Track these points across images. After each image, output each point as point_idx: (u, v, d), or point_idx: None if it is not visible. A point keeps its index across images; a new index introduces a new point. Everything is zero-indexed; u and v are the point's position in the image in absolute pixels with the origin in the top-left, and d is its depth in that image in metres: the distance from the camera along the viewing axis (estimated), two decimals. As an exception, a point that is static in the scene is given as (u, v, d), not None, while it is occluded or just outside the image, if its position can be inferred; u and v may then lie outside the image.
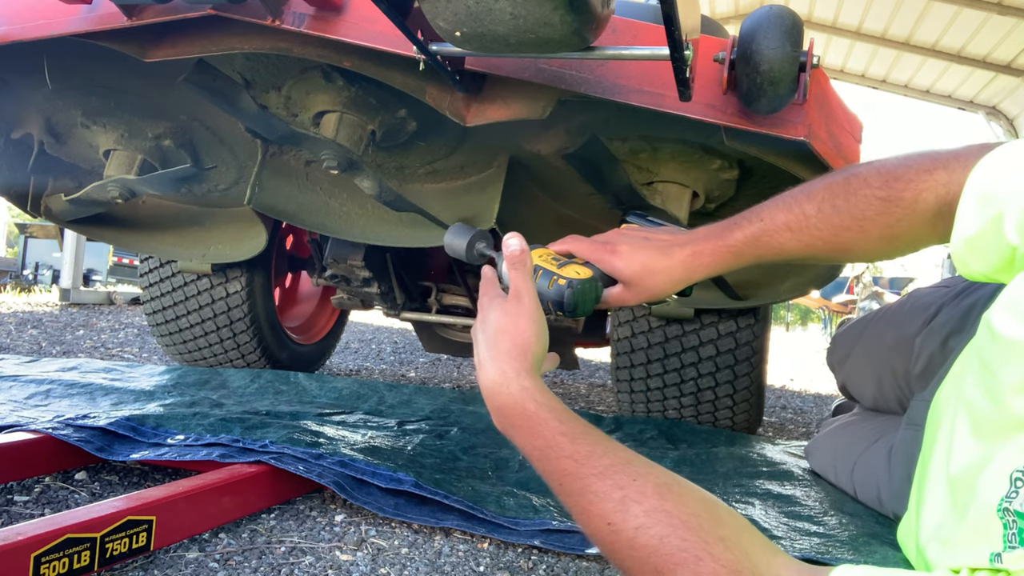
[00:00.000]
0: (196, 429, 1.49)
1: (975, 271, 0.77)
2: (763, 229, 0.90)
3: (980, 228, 0.73)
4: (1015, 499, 0.58)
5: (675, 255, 0.93)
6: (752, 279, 2.03)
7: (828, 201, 0.86)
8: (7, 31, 1.51)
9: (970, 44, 8.97)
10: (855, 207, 0.83)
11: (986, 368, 0.69)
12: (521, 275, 0.78)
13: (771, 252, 0.91)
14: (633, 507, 0.63)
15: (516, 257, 0.78)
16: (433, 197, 2.04)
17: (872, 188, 0.83)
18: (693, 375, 2.28)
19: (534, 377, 0.74)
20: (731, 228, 0.93)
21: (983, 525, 0.60)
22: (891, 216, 0.81)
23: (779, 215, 0.89)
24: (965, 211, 0.74)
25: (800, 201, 0.88)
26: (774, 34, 1.23)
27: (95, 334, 3.88)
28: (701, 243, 0.94)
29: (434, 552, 1.21)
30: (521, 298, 0.77)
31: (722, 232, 0.93)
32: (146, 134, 1.99)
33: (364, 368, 3.86)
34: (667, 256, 0.93)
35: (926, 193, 0.79)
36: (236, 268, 2.51)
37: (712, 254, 0.93)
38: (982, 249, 0.74)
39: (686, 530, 0.61)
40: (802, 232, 0.87)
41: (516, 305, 0.77)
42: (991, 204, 0.71)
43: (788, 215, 0.88)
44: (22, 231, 12.84)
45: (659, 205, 1.68)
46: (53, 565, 0.90)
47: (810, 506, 1.56)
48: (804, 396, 4.49)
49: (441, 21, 1.03)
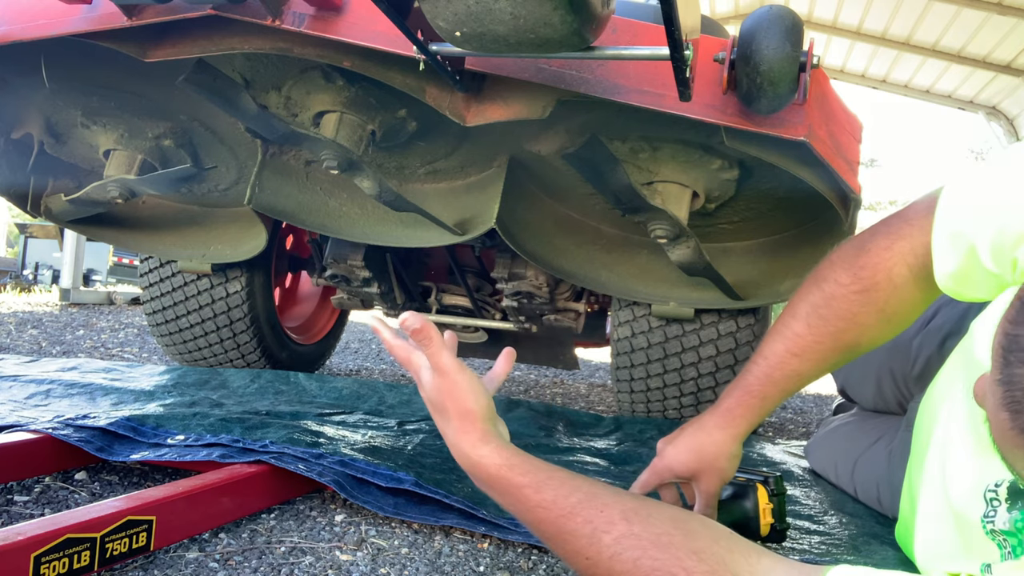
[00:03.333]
0: (196, 429, 1.49)
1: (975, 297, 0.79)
2: (770, 365, 0.92)
3: (959, 264, 0.75)
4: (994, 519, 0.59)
5: (706, 424, 0.96)
6: (752, 279, 2.03)
7: (813, 314, 0.88)
8: (7, 31, 1.51)
9: (970, 44, 8.95)
10: (839, 310, 0.86)
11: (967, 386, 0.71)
12: (431, 349, 0.77)
13: (791, 382, 0.93)
14: (604, 537, 0.66)
15: (420, 334, 0.77)
16: (433, 197, 2.04)
17: (845, 287, 0.86)
18: (693, 375, 2.28)
19: (488, 440, 0.76)
20: (743, 376, 0.96)
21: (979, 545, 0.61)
22: (876, 302, 0.84)
23: (777, 346, 0.91)
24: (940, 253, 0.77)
25: (789, 325, 0.91)
26: (774, 34, 1.23)
27: (95, 334, 3.88)
28: (724, 403, 0.97)
29: (434, 552, 1.21)
30: (442, 370, 0.78)
31: (736, 384, 0.96)
32: (146, 134, 2.00)
33: (364, 368, 3.86)
34: (702, 430, 0.97)
35: (897, 267, 0.82)
36: (236, 268, 2.51)
37: (740, 405, 0.95)
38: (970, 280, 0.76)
39: (656, 549, 0.63)
40: (805, 352, 0.89)
41: (441, 378, 0.78)
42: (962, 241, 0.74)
43: (785, 343, 0.91)
44: (22, 231, 12.84)
45: (659, 205, 1.68)
46: (53, 565, 0.90)
47: (810, 506, 1.56)
48: (804, 396, 4.49)
49: (441, 21, 1.03)
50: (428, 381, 0.79)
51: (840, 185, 1.53)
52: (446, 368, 0.78)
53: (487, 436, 0.76)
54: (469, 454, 0.75)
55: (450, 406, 0.77)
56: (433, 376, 0.79)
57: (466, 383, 0.77)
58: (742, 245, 2.07)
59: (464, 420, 0.76)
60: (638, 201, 1.64)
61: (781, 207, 1.87)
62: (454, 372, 0.77)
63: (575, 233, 2.12)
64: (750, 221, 1.96)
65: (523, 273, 2.32)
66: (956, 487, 0.72)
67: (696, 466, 0.97)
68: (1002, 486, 0.62)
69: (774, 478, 1.03)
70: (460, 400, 0.77)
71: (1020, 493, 0.59)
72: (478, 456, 0.75)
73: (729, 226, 2.00)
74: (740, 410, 0.95)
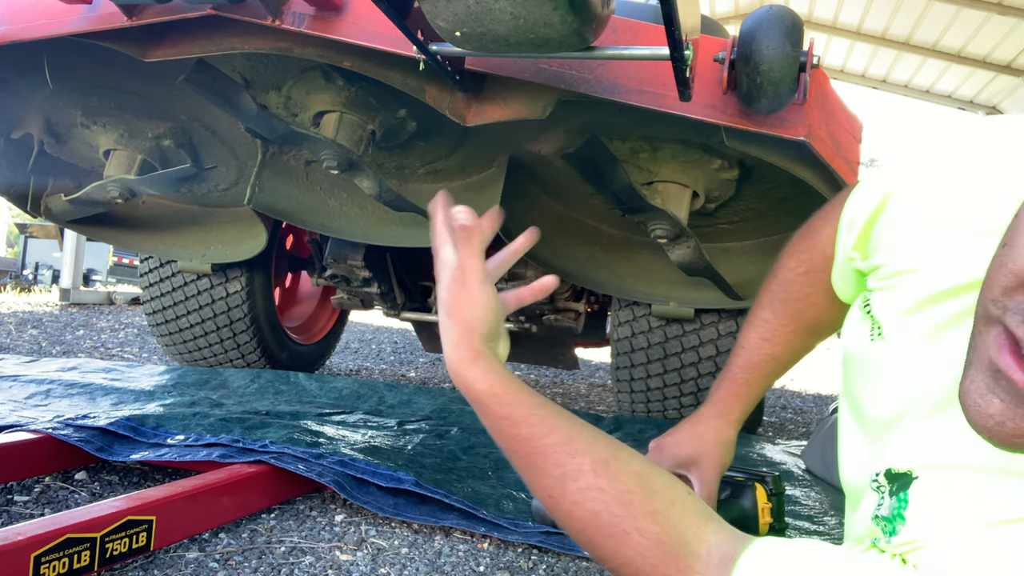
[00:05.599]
0: (196, 429, 1.49)
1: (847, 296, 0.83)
2: (748, 352, 0.98)
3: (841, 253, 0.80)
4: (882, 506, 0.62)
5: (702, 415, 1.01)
6: (752, 279, 2.03)
7: (774, 300, 0.95)
8: (7, 31, 1.51)
9: (970, 44, 8.96)
10: (793, 293, 0.93)
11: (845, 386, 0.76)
12: (466, 251, 0.77)
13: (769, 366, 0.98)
14: (570, 484, 0.68)
15: (465, 231, 0.76)
16: (433, 197, 2.04)
17: (793, 271, 0.92)
18: (693, 375, 2.28)
19: (479, 360, 0.75)
20: (727, 367, 1.01)
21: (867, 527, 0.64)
22: (820, 282, 0.88)
23: (751, 334, 0.98)
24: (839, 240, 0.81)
25: (757, 314, 0.97)
26: (774, 34, 1.23)
27: (95, 334, 3.88)
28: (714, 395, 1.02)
29: (434, 552, 1.21)
30: (465, 276, 0.76)
31: (722, 376, 1.01)
32: (146, 134, 1.99)
33: (364, 368, 3.86)
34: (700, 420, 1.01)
35: (828, 249, 0.85)
36: (236, 268, 2.51)
37: (729, 395, 1.00)
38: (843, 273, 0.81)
39: (617, 506, 0.66)
40: (775, 336, 0.96)
41: (459, 285, 0.76)
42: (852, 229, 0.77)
43: (756, 330, 0.97)
44: (22, 231, 12.84)
45: (659, 205, 1.68)
46: (53, 565, 0.90)
47: (810, 506, 1.56)
48: (804, 396, 4.49)
49: (441, 21, 1.03)
50: (447, 281, 0.78)
51: (840, 185, 1.52)
52: (469, 275, 0.76)
53: (479, 356, 0.75)
54: (459, 371, 0.76)
55: (456, 313, 0.76)
56: (454, 277, 0.77)
57: (481, 296, 0.76)
58: (742, 245, 2.07)
59: (464, 333, 0.76)
60: (638, 201, 1.64)
61: (781, 207, 1.87)
62: (475, 281, 0.76)
63: (575, 233, 2.12)
64: (750, 221, 1.96)
65: (523, 273, 2.32)
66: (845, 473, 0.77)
67: (695, 452, 1.00)
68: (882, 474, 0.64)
69: (772, 477, 1.04)
70: (467, 311, 0.76)
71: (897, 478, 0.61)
72: (467, 376, 0.75)
73: (729, 226, 2.00)
74: (730, 399, 1.00)
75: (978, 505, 0.53)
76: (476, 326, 0.76)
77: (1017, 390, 0.43)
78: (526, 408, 0.73)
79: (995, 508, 0.52)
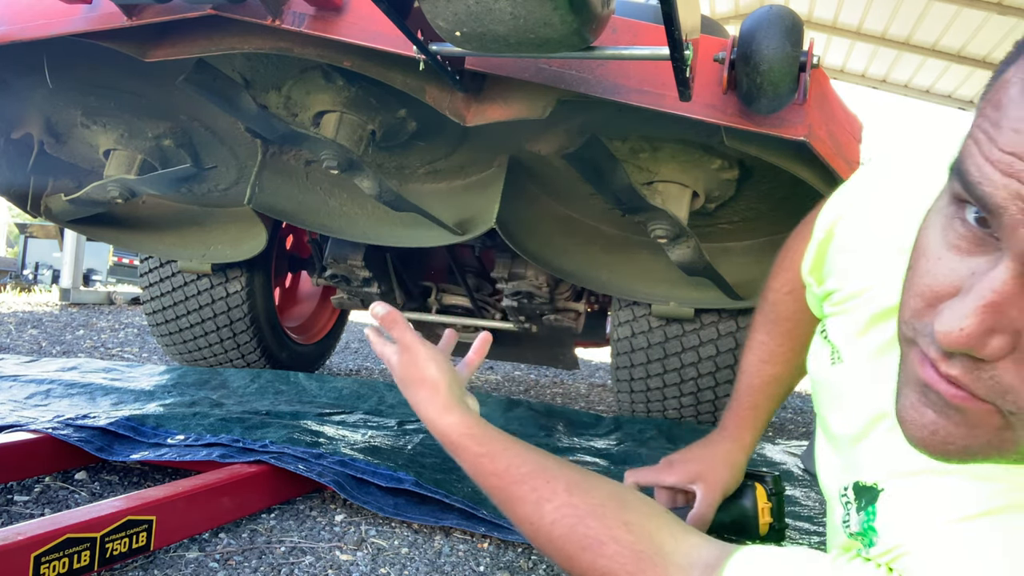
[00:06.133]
0: (196, 429, 1.49)
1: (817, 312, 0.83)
2: (749, 376, 1.01)
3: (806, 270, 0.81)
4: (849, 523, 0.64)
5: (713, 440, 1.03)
6: (752, 279, 2.03)
7: (767, 322, 0.98)
8: (7, 31, 1.51)
9: (970, 44, 8.96)
10: (782, 313, 0.95)
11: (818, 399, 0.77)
12: (398, 332, 0.87)
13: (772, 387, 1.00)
14: (546, 505, 0.72)
15: (388, 319, 0.86)
16: (433, 197, 2.04)
17: (778, 291, 0.95)
18: (693, 375, 2.28)
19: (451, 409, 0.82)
20: (733, 394, 1.03)
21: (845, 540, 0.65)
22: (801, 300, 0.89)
23: (750, 357, 1.00)
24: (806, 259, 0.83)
25: (753, 336, 1.00)
26: (774, 34, 1.23)
27: (95, 334, 3.88)
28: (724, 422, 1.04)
29: (434, 552, 1.21)
30: (409, 348, 0.86)
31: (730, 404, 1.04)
32: (146, 134, 1.99)
33: (364, 368, 3.86)
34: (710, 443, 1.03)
35: None
36: (236, 268, 2.51)
37: (737, 421, 1.02)
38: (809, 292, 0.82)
39: (592, 519, 0.69)
40: (773, 357, 0.98)
41: (408, 356, 0.86)
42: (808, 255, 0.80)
43: (755, 353, 0.99)
44: (22, 231, 12.83)
45: (659, 205, 1.68)
46: (53, 565, 0.90)
47: (810, 506, 1.56)
48: (804, 396, 4.49)
49: (441, 21, 1.03)
50: (397, 360, 0.87)
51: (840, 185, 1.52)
52: (409, 343, 0.86)
53: (450, 405, 0.82)
54: (435, 421, 0.82)
55: (416, 377, 0.84)
56: (400, 354, 0.86)
57: (429, 355, 0.85)
58: (742, 245, 2.07)
59: (431, 390, 0.83)
60: (638, 201, 1.64)
61: (781, 207, 1.86)
62: (416, 345, 0.86)
63: (575, 233, 2.12)
64: (750, 221, 1.96)
65: (523, 273, 2.32)
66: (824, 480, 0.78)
67: (703, 468, 1.01)
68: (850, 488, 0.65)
69: (772, 477, 1.04)
70: (424, 370, 0.84)
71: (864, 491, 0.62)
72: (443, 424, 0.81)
73: (729, 226, 2.00)
74: (739, 425, 1.02)
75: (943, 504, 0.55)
76: (439, 384, 0.83)
77: (945, 401, 0.45)
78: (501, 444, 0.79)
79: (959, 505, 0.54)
